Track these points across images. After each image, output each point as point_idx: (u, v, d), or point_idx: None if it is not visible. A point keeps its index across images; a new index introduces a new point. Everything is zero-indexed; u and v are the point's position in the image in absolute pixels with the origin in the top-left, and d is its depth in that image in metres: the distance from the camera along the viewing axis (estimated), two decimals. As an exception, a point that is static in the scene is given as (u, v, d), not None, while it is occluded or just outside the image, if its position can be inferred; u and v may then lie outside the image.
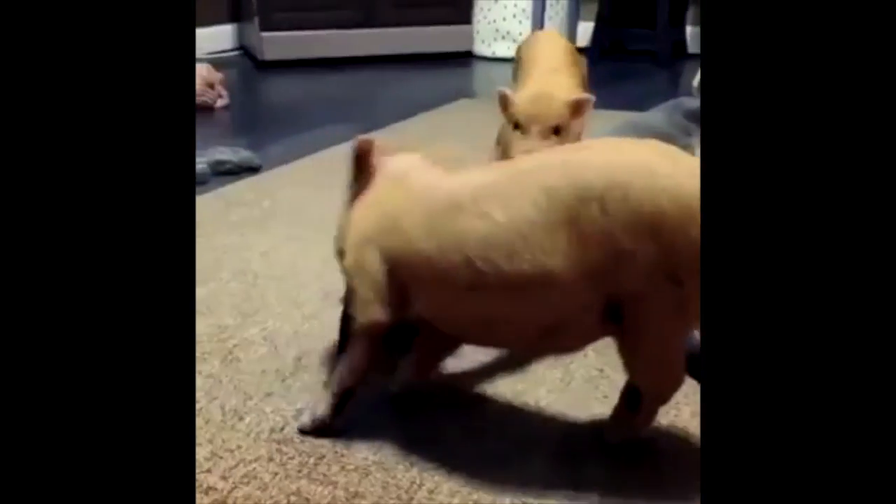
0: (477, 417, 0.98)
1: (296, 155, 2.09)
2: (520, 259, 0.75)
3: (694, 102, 1.30)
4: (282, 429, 0.93)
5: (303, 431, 0.92)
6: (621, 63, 3.58)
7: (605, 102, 2.78)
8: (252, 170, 1.93)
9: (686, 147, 1.15)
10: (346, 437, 0.91)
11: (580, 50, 3.90)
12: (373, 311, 0.87)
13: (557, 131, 1.28)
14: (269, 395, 1.00)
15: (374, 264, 0.85)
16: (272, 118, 2.58)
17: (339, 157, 2.12)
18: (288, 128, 2.40)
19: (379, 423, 0.94)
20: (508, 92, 1.38)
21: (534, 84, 1.39)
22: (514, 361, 1.08)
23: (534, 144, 1.25)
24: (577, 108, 1.30)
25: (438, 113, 2.53)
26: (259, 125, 2.46)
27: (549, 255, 0.74)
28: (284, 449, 0.90)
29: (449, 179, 0.84)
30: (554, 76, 1.42)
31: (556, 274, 0.75)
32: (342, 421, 0.92)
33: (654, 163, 0.73)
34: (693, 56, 3.72)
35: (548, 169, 0.77)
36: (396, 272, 0.85)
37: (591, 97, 1.33)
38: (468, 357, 1.07)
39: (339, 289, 1.28)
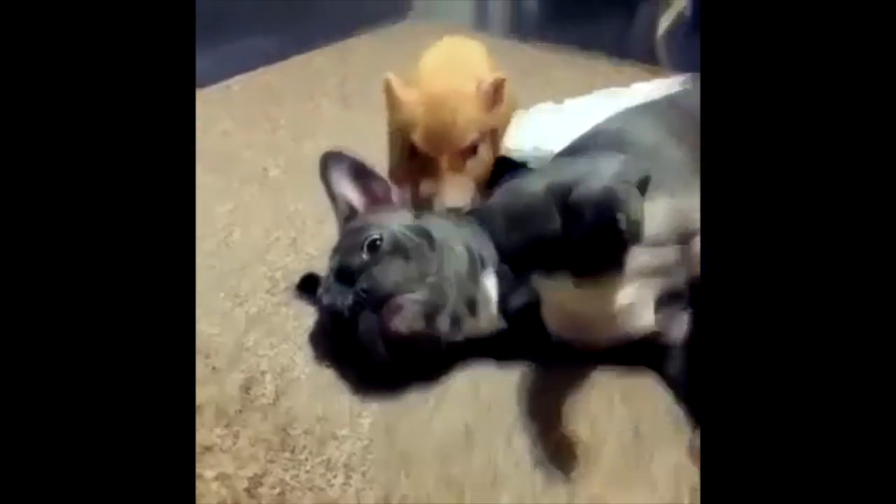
0: None
1: (222, 73, 1.78)
2: None
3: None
4: (230, 513, 0.70)
5: None
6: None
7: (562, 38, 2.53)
8: (170, 89, 1.61)
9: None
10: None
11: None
12: None
13: (474, 150, 1.01)
14: (208, 449, 0.76)
15: None
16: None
17: (273, 81, 1.83)
18: (213, 33, 2.04)
19: None
20: (395, 81, 1.03)
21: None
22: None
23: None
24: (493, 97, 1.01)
25: (381, 38, 2.21)
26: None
27: None
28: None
29: None
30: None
31: None
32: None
33: None
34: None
35: None
36: None
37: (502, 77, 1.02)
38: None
39: (286, 274, 1.04)
